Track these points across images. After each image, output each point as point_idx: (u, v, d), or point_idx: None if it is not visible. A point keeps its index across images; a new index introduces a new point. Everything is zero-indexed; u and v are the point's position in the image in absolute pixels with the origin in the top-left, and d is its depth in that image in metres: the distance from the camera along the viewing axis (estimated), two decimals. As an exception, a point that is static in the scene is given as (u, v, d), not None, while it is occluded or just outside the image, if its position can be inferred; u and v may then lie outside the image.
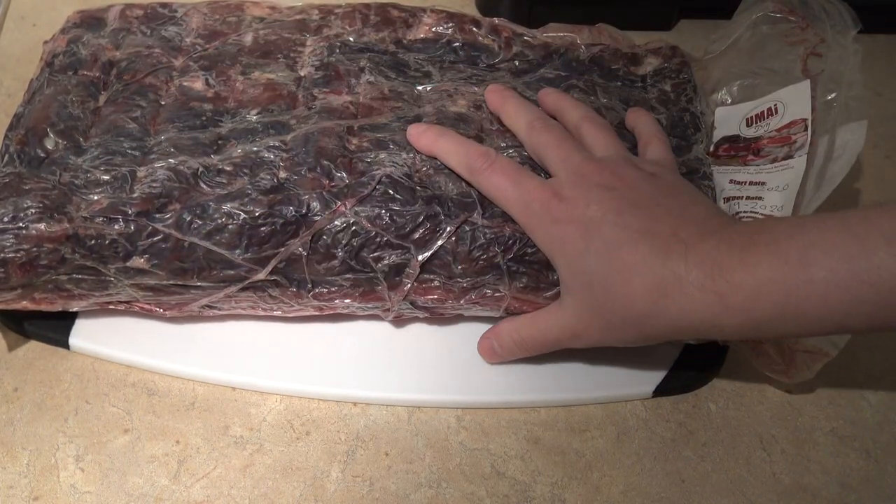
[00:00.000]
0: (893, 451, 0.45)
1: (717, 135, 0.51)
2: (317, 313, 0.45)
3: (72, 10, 0.53)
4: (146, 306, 0.44)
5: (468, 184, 0.44)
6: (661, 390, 0.46)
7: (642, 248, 0.38)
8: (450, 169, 0.44)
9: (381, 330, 0.47)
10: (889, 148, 0.60)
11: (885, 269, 0.34)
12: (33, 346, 0.46)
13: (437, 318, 0.46)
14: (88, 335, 0.45)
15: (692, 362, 0.46)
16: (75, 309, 0.44)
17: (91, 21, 0.51)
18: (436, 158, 0.44)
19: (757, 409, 0.46)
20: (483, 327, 0.46)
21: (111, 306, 0.44)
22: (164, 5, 0.53)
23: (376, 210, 0.42)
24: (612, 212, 0.39)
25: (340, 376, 0.45)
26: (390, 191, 0.43)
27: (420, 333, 0.47)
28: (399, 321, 0.47)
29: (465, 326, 0.47)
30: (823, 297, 0.35)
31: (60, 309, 0.44)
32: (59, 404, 0.44)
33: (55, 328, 0.45)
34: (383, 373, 0.45)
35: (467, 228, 0.43)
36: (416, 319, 0.47)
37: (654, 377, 0.46)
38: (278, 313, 0.45)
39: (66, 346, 0.46)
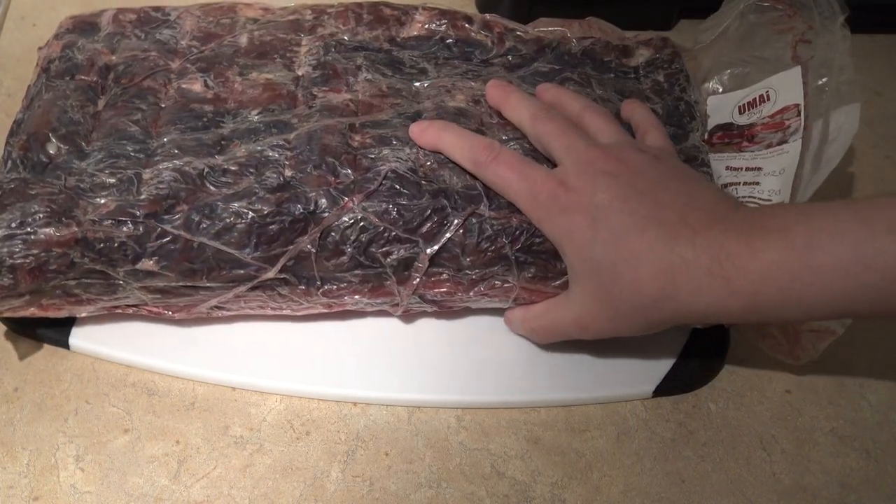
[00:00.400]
0: (893, 451, 0.45)
1: (711, 123, 0.51)
2: (326, 311, 0.45)
3: (71, 11, 0.53)
4: (154, 309, 0.44)
5: (473, 176, 0.44)
6: (661, 390, 0.46)
7: (650, 234, 0.38)
8: (454, 162, 0.44)
9: (381, 330, 0.47)
10: (889, 148, 0.61)
11: (889, 255, 0.34)
12: (33, 346, 0.46)
13: (445, 311, 0.46)
14: (88, 335, 0.45)
15: (692, 362, 0.46)
16: (83, 314, 0.44)
17: (84, 26, 0.51)
18: (440, 153, 0.44)
19: (757, 409, 0.46)
20: (485, 322, 0.47)
21: (118, 310, 0.44)
22: (156, 9, 0.52)
23: (383, 205, 0.42)
24: (619, 199, 0.40)
25: (340, 376, 0.45)
26: (396, 185, 0.43)
27: (420, 333, 0.47)
28: (404, 317, 0.47)
29: (466, 326, 0.47)
30: (828, 282, 0.35)
31: (67, 315, 0.44)
32: (59, 404, 0.44)
33: (55, 328, 0.45)
34: (383, 373, 0.45)
35: (474, 220, 0.43)
36: (417, 318, 0.47)
37: (655, 377, 0.46)
38: (287, 312, 0.45)
39: (66, 346, 0.46)
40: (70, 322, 0.45)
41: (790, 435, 0.45)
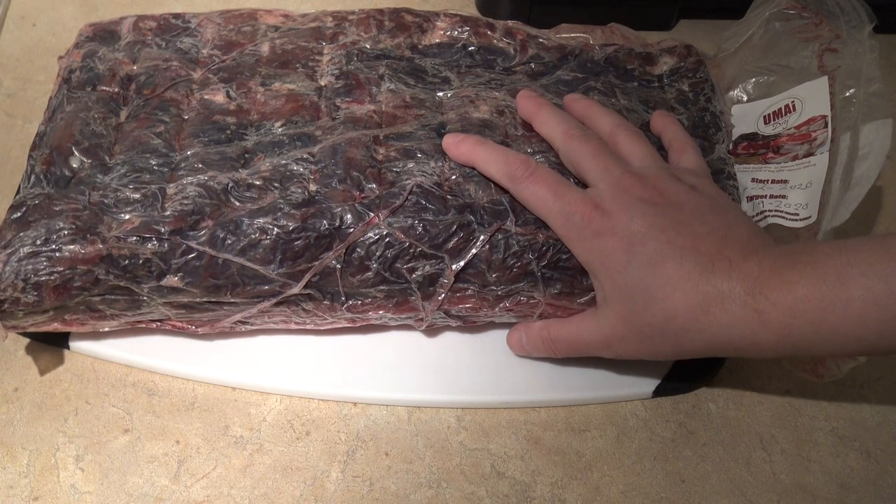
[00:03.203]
0: (893, 451, 0.45)
1: (735, 132, 0.51)
2: (350, 325, 0.45)
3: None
4: (178, 324, 0.44)
5: (498, 191, 0.43)
6: (661, 390, 0.46)
7: (687, 263, 0.38)
8: (481, 176, 0.44)
9: (380, 330, 0.47)
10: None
11: None
12: (33, 346, 0.46)
13: (469, 325, 0.46)
14: (88, 335, 0.45)
15: (692, 362, 0.46)
16: (106, 329, 0.44)
17: (104, 34, 0.51)
18: (465, 166, 0.44)
19: (757, 409, 0.46)
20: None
21: (142, 325, 0.44)
22: (176, 16, 0.52)
23: (409, 221, 0.42)
24: (656, 227, 0.39)
25: (340, 376, 0.45)
26: (422, 201, 0.42)
27: (420, 333, 0.47)
28: (427, 331, 0.47)
29: (466, 326, 0.47)
30: (860, 316, 0.35)
31: (91, 330, 0.43)
32: (59, 404, 0.44)
33: (56, 328, 0.45)
34: (383, 373, 0.45)
35: (500, 236, 0.42)
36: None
37: (655, 377, 0.46)
38: (311, 326, 0.45)
39: (66, 346, 0.46)
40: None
41: (790, 435, 0.45)
